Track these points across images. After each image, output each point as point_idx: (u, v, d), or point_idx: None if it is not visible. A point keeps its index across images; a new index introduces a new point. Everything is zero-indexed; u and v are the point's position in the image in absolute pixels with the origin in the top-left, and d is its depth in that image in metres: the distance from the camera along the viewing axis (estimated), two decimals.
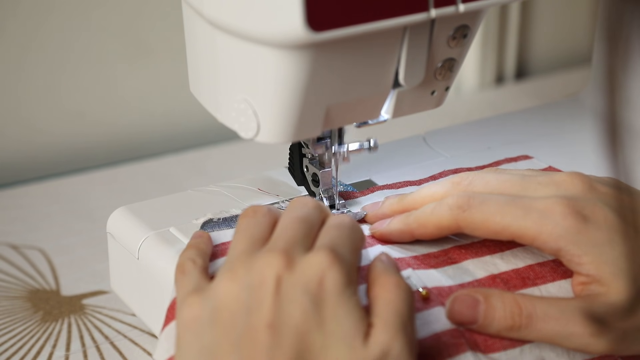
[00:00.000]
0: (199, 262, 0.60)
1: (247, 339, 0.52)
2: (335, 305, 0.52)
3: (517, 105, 1.06)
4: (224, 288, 0.54)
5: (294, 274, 0.53)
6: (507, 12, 1.18)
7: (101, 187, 0.94)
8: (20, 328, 0.73)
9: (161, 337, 0.62)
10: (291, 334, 0.52)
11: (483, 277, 0.62)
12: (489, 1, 0.60)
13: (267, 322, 0.52)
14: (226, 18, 0.57)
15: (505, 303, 0.58)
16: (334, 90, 0.60)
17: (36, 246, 0.84)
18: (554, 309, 0.57)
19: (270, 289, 0.53)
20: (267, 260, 0.54)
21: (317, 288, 0.53)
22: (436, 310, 0.59)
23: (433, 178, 0.74)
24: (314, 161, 0.69)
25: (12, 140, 0.99)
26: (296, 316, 0.52)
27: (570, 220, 0.58)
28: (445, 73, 0.63)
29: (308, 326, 0.52)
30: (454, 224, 0.61)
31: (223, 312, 0.53)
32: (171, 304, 0.62)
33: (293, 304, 0.52)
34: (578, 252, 0.59)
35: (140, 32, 1.01)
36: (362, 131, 0.67)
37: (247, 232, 0.57)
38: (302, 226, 0.56)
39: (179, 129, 1.06)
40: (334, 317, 0.52)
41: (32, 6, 0.95)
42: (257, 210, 0.58)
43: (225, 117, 0.62)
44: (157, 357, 0.62)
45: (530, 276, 0.62)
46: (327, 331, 0.52)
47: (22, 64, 0.97)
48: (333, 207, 0.69)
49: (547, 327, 0.57)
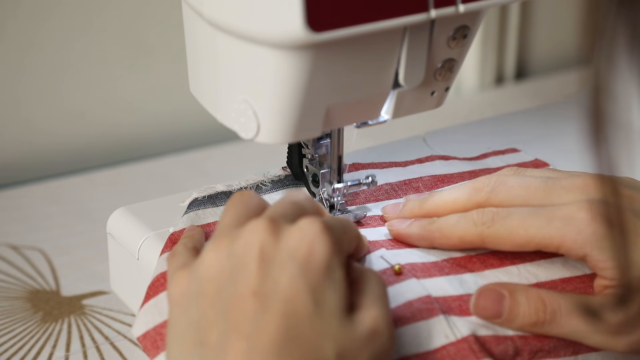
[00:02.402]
0: (189, 245, 0.60)
1: (233, 308, 0.51)
2: (323, 275, 0.52)
3: (516, 106, 1.06)
4: (209, 259, 0.53)
5: (280, 241, 0.52)
6: (507, 13, 1.18)
7: (101, 188, 0.94)
8: (21, 328, 0.73)
9: (139, 313, 0.63)
10: (278, 300, 0.51)
11: (461, 256, 0.63)
12: (489, 1, 0.60)
13: (252, 289, 0.51)
14: (226, 19, 0.57)
15: (530, 299, 0.58)
16: (334, 91, 0.60)
17: (36, 246, 0.84)
18: (578, 306, 0.58)
19: (255, 255, 0.52)
20: (252, 227, 0.53)
21: (305, 256, 0.52)
22: (409, 282, 0.60)
23: (420, 162, 0.75)
24: (314, 161, 0.69)
25: (12, 141, 0.99)
26: (283, 283, 0.51)
27: (594, 226, 0.58)
28: (445, 73, 0.63)
29: (295, 292, 0.51)
30: (478, 239, 0.62)
31: (209, 284, 0.52)
32: (152, 282, 0.63)
33: (279, 270, 0.51)
34: (603, 257, 0.59)
35: (141, 33, 1.01)
36: (362, 131, 0.67)
37: (235, 208, 0.57)
38: (293, 206, 0.56)
39: (179, 129, 1.06)
40: (322, 287, 0.51)
41: (33, 7, 0.95)
42: (246, 193, 0.58)
43: (225, 117, 0.62)
44: (134, 331, 0.62)
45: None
46: (316, 300, 0.51)
47: (23, 64, 0.97)
48: (333, 208, 0.69)
49: (571, 323, 0.58)
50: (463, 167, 0.75)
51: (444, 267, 0.62)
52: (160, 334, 0.61)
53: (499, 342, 0.58)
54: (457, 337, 0.57)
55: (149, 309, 0.62)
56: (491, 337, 0.58)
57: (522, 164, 0.76)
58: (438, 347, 0.57)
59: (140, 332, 0.62)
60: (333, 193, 0.68)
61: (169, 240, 0.66)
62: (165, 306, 0.62)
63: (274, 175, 0.72)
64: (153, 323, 0.62)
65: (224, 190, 0.70)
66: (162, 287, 0.63)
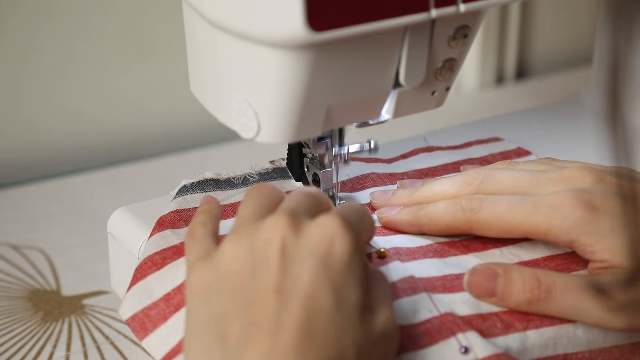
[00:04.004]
0: (209, 227, 0.59)
1: (254, 303, 0.51)
2: (344, 272, 0.52)
3: (517, 106, 1.06)
4: (229, 252, 0.53)
5: (300, 237, 0.52)
6: (507, 12, 1.18)
7: (101, 187, 0.94)
8: (21, 328, 0.73)
9: (127, 295, 0.64)
10: (300, 296, 0.51)
11: (445, 241, 0.64)
12: (489, 1, 0.60)
13: (274, 285, 0.51)
14: (226, 18, 0.57)
15: (525, 276, 0.59)
16: (335, 91, 0.60)
17: (36, 246, 0.84)
18: (573, 283, 0.58)
19: (276, 250, 0.52)
20: (272, 222, 0.53)
21: (325, 252, 0.52)
22: (392, 264, 0.61)
23: (404, 157, 0.76)
24: (314, 161, 0.69)
25: (13, 140, 0.99)
26: (304, 279, 0.51)
27: (580, 212, 0.59)
28: (445, 73, 0.63)
29: (317, 289, 0.51)
30: (465, 225, 0.62)
31: (230, 278, 0.52)
32: (139, 265, 0.64)
33: (300, 267, 0.51)
34: (590, 241, 0.59)
35: (141, 32, 1.01)
36: (362, 131, 0.67)
37: (254, 200, 0.57)
38: (309, 199, 0.56)
39: (180, 129, 1.06)
40: (343, 285, 0.52)
41: (33, 6, 0.95)
42: (265, 185, 0.58)
43: (226, 117, 0.62)
44: (122, 313, 0.63)
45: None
46: (338, 297, 0.51)
47: (23, 64, 0.97)
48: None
49: (567, 300, 0.58)
50: (447, 158, 0.76)
51: (428, 251, 0.63)
52: (148, 316, 0.62)
53: (484, 319, 0.59)
54: (441, 311, 0.58)
55: (137, 291, 0.63)
56: (475, 316, 0.59)
57: (505, 152, 0.77)
58: (422, 321, 0.58)
59: (129, 315, 0.63)
60: (334, 159, 0.67)
61: (157, 224, 0.67)
62: (154, 287, 0.63)
63: (261, 168, 0.72)
64: (141, 305, 0.63)
65: (212, 178, 0.70)
66: (150, 270, 0.64)
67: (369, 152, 0.68)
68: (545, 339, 0.59)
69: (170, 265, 0.64)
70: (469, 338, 0.57)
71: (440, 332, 0.57)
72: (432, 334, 0.57)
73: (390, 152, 0.77)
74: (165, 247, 0.65)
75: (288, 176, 0.72)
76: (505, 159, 0.75)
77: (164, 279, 0.63)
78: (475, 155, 0.77)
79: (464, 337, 0.57)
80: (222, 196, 0.70)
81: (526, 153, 0.77)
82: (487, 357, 0.56)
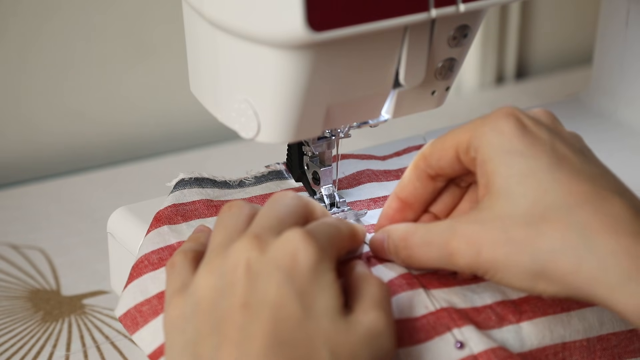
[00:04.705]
0: (190, 255, 0.60)
1: (224, 321, 0.52)
2: (310, 280, 0.52)
3: (517, 105, 1.06)
4: (202, 281, 0.54)
5: (265, 254, 0.53)
6: (507, 12, 1.18)
7: (101, 187, 0.94)
8: (21, 328, 0.73)
9: (123, 293, 0.64)
10: (266, 308, 0.52)
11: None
12: (489, 1, 0.60)
13: (241, 302, 0.52)
14: (226, 18, 0.57)
15: (395, 237, 0.60)
16: (334, 90, 0.60)
17: (36, 246, 0.84)
18: (431, 233, 0.57)
19: (242, 270, 0.53)
20: (238, 246, 0.54)
21: (290, 264, 0.53)
22: (390, 262, 0.62)
23: (397, 154, 0.76)
24: (314, 159, 0.69)
25: (13, 140, 0.99)
26: (271, 292, 0.52)
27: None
28: (445, 73, 0.63)
29: (284, 299, 0.52)
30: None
31: (202, 303, 0.54)
32: (135, 263, 0.64)
33: (266, 281, 0.52)
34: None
35: (141, 32, 1.01)
36: (362, 131, 0.67)
37: (223, 224, 0.57)
38: (277, 214, 0.56)
39: (179, 129, 1.06)
40: (311, 292, 0.52)
41: (33, 6, 0.95)
42: (233, 204, 0.59)
43: (226, 117, 0.62)
44: (117, 311, 0.64)
45: None
46: (305, 304, 0.52)
47: (23, 63, 0.97)
48: (333, 205, 0.69)
49: (422, 252, 0.58)
50: None
51: None
52: (140, 312, 0.63)
53: (479, 312, 0.59)
54: (437, 307, 0.59)
55: (132, 289, 0.64)
56: (470, 309, 0.59)
57: None
58: (418, 316, 0.58)
59: (122, 312, 0.64)
60: (335, 135, 0.67)
61: (155, 220, 0.67)
62: (148, 286, 0.63)
63: (257, 172, 0.72)
64: (134, 302, 0.63)
65: (209, 177, 0.71)
66: (146, 269, 0.64)
67: (369, 126, 0.67)
68: (540, 329, 0.59)
69: None
70: (464, 333, 0.57)
71: (435, 328, 0.58)
72: (428, 329, 0.58)
73: (387, 151, 0.78)
74: (162, 246, 0.65)
75: (284, 178, 0.72)
76: None
77: (160, 278, 0.63)
78: None
79: (459, 332, 0.57)
80: (219, 193, 0.70)
81: None
82: (483, 352, 0.56)
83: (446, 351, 0.57)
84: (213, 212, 0.68)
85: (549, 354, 0.60)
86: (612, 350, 0.61)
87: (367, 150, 0.77)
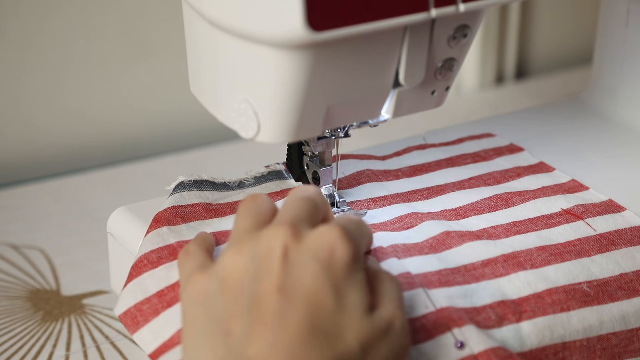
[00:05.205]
0: (203, 245, 0.61)
1: (257, 303, 0.52)
2: (345, 276, 0.53)
3: (517, 106, 1.06)
4: (230, 261, 0.54)
5: (301, 244, 0.54)
6: (507, 12, 1.18)
7: (101, 187, 0.94)
8: (21, 328, 0.73)
9: (122, 292, 0.64)
10: (302, 296, 0.52)
11: (440, 232, 0.65)
12: (489, 1, 0.60)
13: (277, 286, 0.52)
14: (226, 18, 0.57)
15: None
16: (334, 90, 0.60)
17: (36, 246, 0.84)
18: None
19: (278, 256, 0.53)
20: (273, 232, 0.54)
21: (327, 257, 0.53)
22: (390, 261, 0.62)
23: (397, 154, 0.77)
24: (314, 159, 0.69)
25: (13, 140, 0.99)
26: (306, 281, 0.53)
27: None
28: (445, 73, 0.63)
29: (319, 288, 0.52)
30: None
31: (230, 283, 0.54)
32: (135, 263, 0.65)
33: (302, 270, 0.53)
34: None
35: (141, 32, 1.01)
36: (362, 131, 0.67)
37: (250, 212, 0.58)
38: (306, 205, 0.57)
39: (179, 129, 1.06)
40: (344, 287, 0.53)
41: (33, 6, 0.95)
42: (257, 196, 0.59)
43: (226, 117, 0.62)
44: (117, 310, 0.64)
45: None
46: (339, 297, 0.53)
47: (23, 63, 0.97)
48: (333, 205, 0.69)
49: None
50: (439, 154, 0.77)
51: (423, 247, 0.64)
52: (140, 311, 0.63)
53: (479, 312, 0.60)
54: (437, 307, 0.59)
55: (132, 288, 0.64)
56: (470, 309, 0.60)
57: (497, 149, 0.78)
58: (418, 316, 0.59)
59: (122, 311, 0.64)
60: (335, 135, 0.67)
61: (154, 221, 0.67)
62: (148, 285, 0.64)
63: (256, 172, 0.72)
64: (134, 301, 0.64)
65: (208, 180, 0.71)
66: (145, 268, 0.64)
67: (369, 125, 0.68)
68: (540, 328, 0.60)
69: (165, 265, 0.64)
70: (464, 333, 0.57)
71: (436, 327, 0.58)
72: (428, 329, 0.58)
73: (387, 151, 0.78)
74: (161, 246, 0.65)
75: (284, 178, 0.72)
76: (498, 155, 0.76)
77: (159, 277, 0.64)
78: (467, 151, 0.77)
79: (459, 332, 0.57)
80: (218, 196, 0.70)
81: (519, 149, 0.78)
82: (483, 352, 0.57)
83: (446, 351, 0.57)
84: (212, 215, 0.68)
85: (549, 353, 0.60)
86: (612, 350, 0.62)
87: (367, 150, 0.77)
